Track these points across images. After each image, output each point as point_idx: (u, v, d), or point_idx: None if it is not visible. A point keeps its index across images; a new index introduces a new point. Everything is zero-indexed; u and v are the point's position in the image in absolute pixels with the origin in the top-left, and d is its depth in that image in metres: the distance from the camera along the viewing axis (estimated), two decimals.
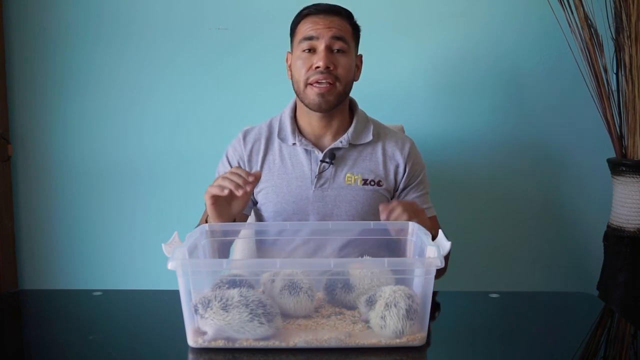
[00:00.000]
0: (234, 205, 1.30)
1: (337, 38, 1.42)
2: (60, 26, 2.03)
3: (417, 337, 0.99)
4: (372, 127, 1.52)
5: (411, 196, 1.50)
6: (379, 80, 2.00)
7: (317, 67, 1.41)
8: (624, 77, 1.82)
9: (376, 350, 0.99)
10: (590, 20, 1.82)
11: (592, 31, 1.82)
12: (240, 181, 1.22)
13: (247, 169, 1.50)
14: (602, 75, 1.83)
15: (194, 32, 2.02)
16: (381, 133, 1.53)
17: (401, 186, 1.51)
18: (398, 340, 0.99)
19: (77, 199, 2.10)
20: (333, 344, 0.99)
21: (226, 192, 1.22)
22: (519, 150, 2.04)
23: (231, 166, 1.52)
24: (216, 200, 1.26)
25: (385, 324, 0.98)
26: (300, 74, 1.43)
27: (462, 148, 2.03)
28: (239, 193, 1.21)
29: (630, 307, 1.80)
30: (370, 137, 1.50)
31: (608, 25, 1.86)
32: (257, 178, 1.24)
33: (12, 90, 2.06)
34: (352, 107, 1.55)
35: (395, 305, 0.98)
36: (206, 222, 1.33)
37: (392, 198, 1.51)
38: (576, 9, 1.81)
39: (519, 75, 2.01)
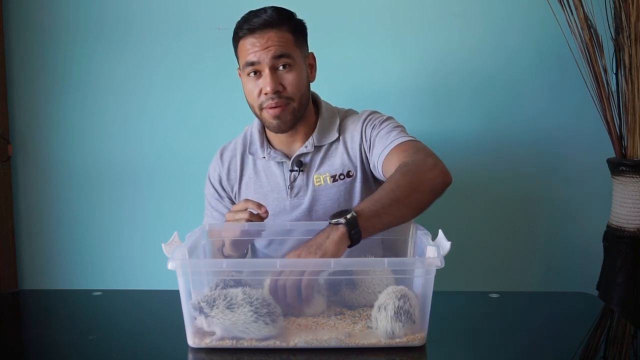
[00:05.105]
0: None
1: (278, 56, 1.36)
2: (60, 26, 2.03)
3: (417, 337, 1.00)
4: (338, 122, 1.48)
5: (380, 141, 1.41)
6: (376, 81, 2.01)
7: (267, 93, 1.37)
8: (623, 78, 1.82)
9: (376, 350, 0.99)
10: (590, 21, 1.82)
11: (592, 31, 1.82)
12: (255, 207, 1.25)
13: (228, 187, 1.52)
14: (601, 75, 1.83)
15: (194, 32, 2.01)
16: (342, 126, 1.49)
17: (370, 144, 1.44)
18: (398, 340, 0.99)
19: (77, 199, 2.10)
20: (333, 344, 0.99)
21: (255, 212, 1.24)
22: (518, 150, 2.04)
23: (214, 187, 1.53)
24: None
25: (378, 325, 0.99)
26: (252, 99, 1.41)
27: (461, 148, 2.03)
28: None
29: (630, 307, 1.80)
30: (335, 135, 1.47)
31: (608, 25, 1.86)
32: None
33: (12, 90, 2.06)
34: (317, 104, 1.52)
35: (385, 308, 0.99)
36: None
37: (370, 168, 1.46)
38: (576, 9, 1.81)
39: (519, 75, 2.01)
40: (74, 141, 2.08)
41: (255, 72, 1.38)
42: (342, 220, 1.09)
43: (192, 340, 1.00)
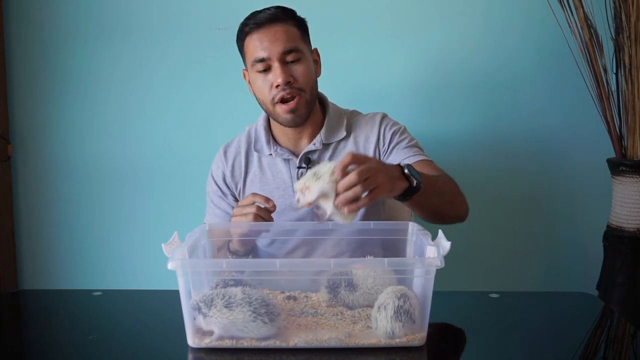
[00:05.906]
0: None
1: (288, 51, 1.37)
2: (60, 26, 2.03)
3: (417, 337, 0.99)
4: (345, 121, 1.49)
5: (401, 151, 1.45)
6: (377, 80, 2.01)
7: (278, 85, 1.37)
8: (623, 78, 1.82)
9: (376, 350, 0.99)
10: (590, 21, 1.82)
11: (592, 31, 1.82)
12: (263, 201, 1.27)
13: (232, 184, 1.52)
14: (601, 75, 1.83)
15: (194, 32, 2.02)
16: (353, 124, 1.50)
17: (388, 148, 1.46)
18: (398, 340, 0.99)
19: (77, 198, 2.10)
20: (333, 344, 0.99)
21: (263, 205, 1.26)
22: (518, 150, 2.04)
23: (217, 184, 1.53)
24: (256, 218, 1.26)
25: (378, 325, 0.99)
26: (264, 95, 1.40)
27: (461, 148, 2.03)
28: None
29: (630, 307, 1.80)
30: (343, 134, 1.48)
31: (608, 25, 1.86)
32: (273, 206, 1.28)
33: (12, 90, 2.06)
34: (323, 104, 1.52)
35: (385, 308, 0.99)
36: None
37: None
38: (576, 9, 1.81)
39: (519, 75, 2.01)
40: (74, 141, 2.08)
41: (265, 69, 1.38)
42: (413, 182, 1.14)
43: (192, 340, 1.00)
